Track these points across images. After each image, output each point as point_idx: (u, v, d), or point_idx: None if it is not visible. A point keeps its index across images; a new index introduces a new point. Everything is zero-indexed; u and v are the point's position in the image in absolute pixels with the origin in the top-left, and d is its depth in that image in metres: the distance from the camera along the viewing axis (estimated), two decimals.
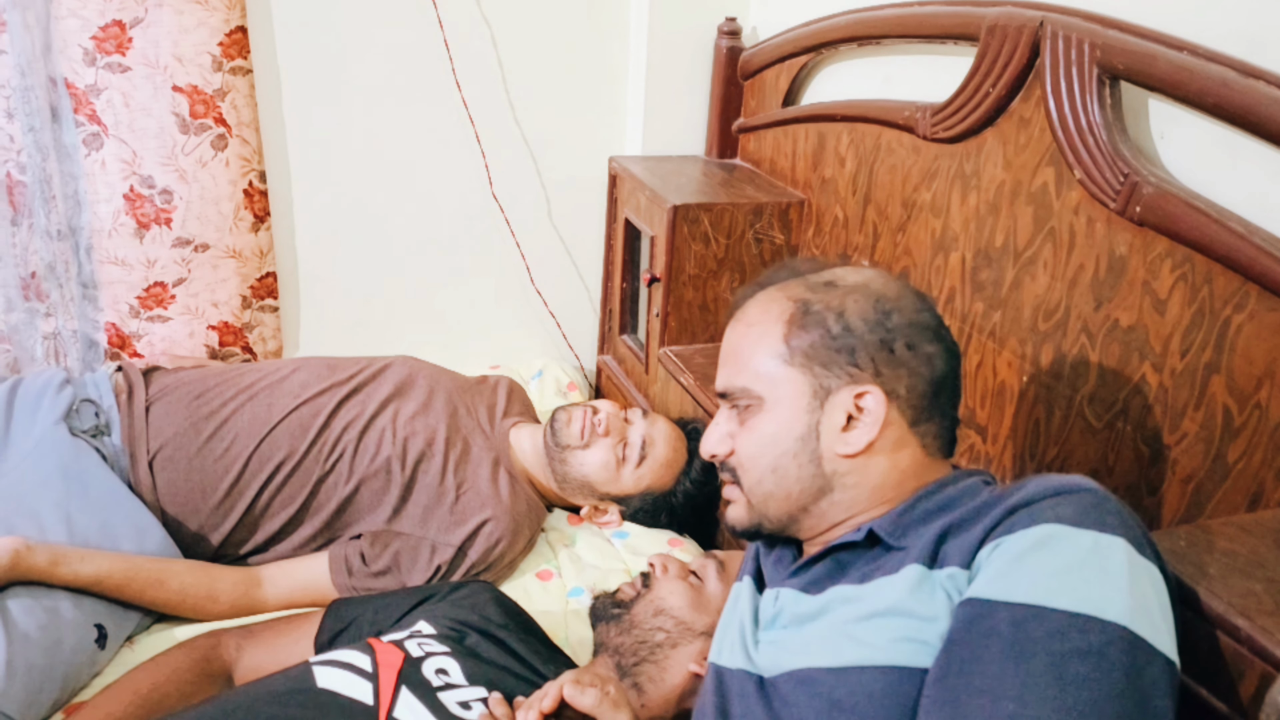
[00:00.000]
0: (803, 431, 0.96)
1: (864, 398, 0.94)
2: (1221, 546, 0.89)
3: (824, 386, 0.95)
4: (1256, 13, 1.06)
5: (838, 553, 0.95)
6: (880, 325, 0.95)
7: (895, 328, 0.95)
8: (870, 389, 0.94)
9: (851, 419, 0.95)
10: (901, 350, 0.95)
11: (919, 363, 0.95)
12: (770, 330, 0.98)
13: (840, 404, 0.95)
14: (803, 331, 0.96)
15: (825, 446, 0.95)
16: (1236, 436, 1.08)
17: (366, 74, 2.01)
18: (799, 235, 1.92)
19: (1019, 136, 1.35)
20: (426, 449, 1.59)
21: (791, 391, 0.96)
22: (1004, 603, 0.76)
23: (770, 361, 0.97)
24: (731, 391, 1.01)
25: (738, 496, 1.02)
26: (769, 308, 1.00)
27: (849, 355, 0.95)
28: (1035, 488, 0.84)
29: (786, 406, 0.96)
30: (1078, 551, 0.77)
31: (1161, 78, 1.13)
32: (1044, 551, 0.78)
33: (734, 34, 2.07)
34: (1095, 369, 1.26)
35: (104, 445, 1.51)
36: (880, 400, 0.94)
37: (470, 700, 1.06)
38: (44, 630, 1.27)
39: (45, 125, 1.78)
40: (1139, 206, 1.16)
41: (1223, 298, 1.08)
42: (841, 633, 0.86)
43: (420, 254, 2.20)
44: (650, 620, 1.23)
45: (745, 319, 1.02)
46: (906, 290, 0.99)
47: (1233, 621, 0.79)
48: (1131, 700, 0.71)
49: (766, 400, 0.97)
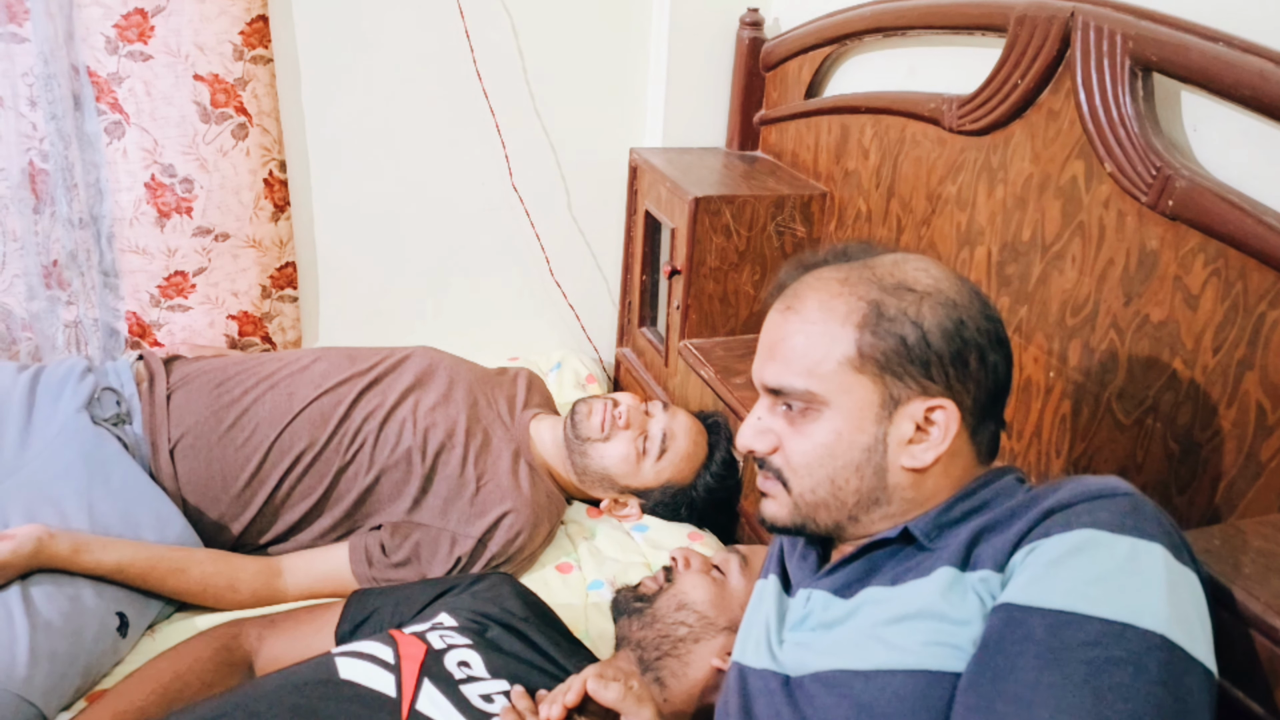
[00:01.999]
0: (869, 443, 0.91)
1: (935, 412, 0.90)
2: (1257, 546, 0.88)
3: (894, 397, 0.90)
4: None
5: (871, 552, 0.93)
6: (956, 336, 0.90)
7: (969, 339, 0.90)
8: (944, 403, 0.90)
9: (919, 430, 0.90)
10: (974, 363, 0.91)
11: (986, 373, 0.92)
12: (838, 332, 0.91)
13: (909, 415, 0.90)
14: (876, 339, 0.90)
15: (891, 459, 0.91)
16: (1270, 434, 1.07)
17: (386, 63, 2.01)
18: (821, 228, 1.91)
19: (1048, 129, 1.34)
20: (447, 440, 1.58)
21: (860, 401, 0.90)
22: (1039, 609, 0.75)
23: (838, 365, 0.91)
24: (789, 391, 0.93)
25: (780, 494, 0.96)
26: (833, 304, 0.93)
27: (923, 368, 0.89)
28: (1071, 491, 0.82)
29: (852, 416, 0.91)
30: (1115, 558, 0.76)
31: (1195, 69, 1.11)
32: (1081, 557, 0.76)
33: (756, 25, 2.06)
34: (1124, 365, 1.24)
35: (125, 434, 1.51)
36: (954, 415, 0.90)
37: (492, 693, 1.05)
38: (67, 618, 1.27)
39: (67, 113, 1.78)
40: (1171, 200, 1.14)
41: (1257, 293, 1.07)
42: (871, 635, 0.85)
43: (439, 245, 2.19)
44: (673, 614, 1.22)
45: (804, 313, 0.94)
46: (974, 295, 0.94)
47: (1270, 622, 0.78)
48: (1170, 710, 0.70)
49: (831, 405, 0.91)
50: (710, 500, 1.71)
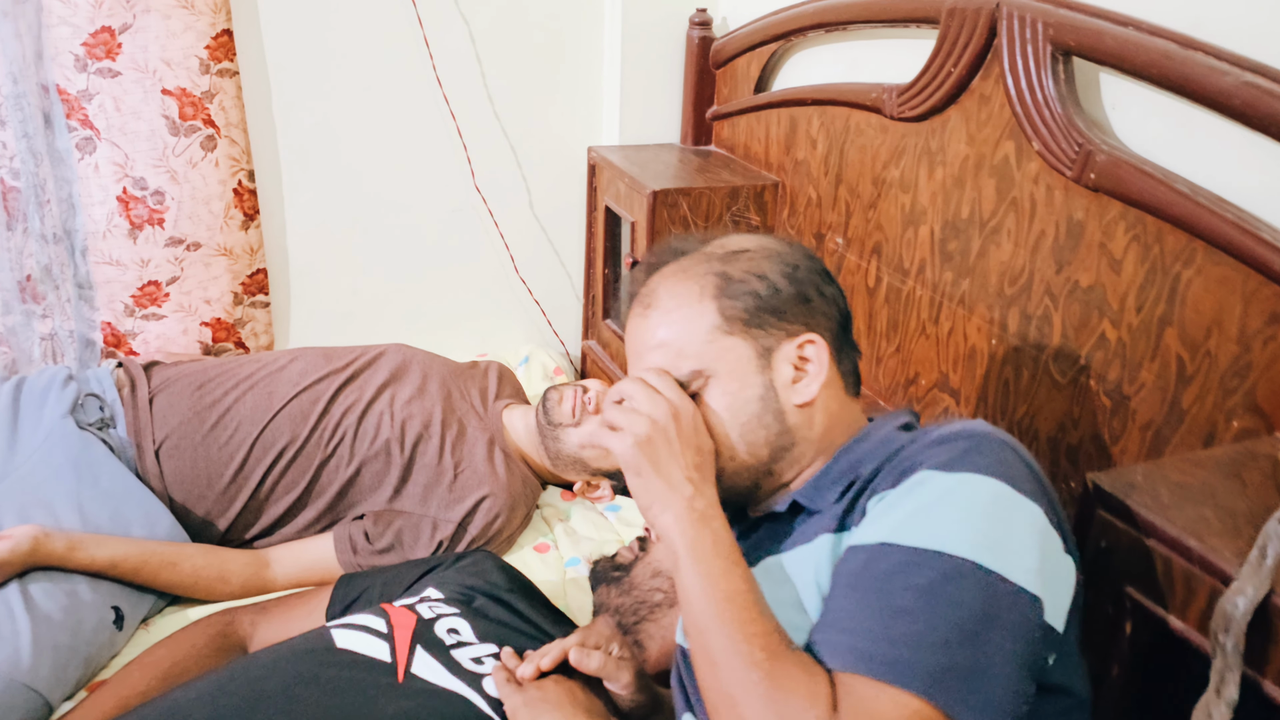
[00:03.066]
0: (761, 393, 0.97)
1: (805, 347, 0.98)
2: (1175, 479, 0.96)
3: (765, 346, 0.97)
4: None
5: (767, 521, 1.00)
6: (794, 279, 1.00)
7: (805, 279, 1.00)
8: (811, 337, 0.98)
9: (797, 369, 0.98)
10: (815, 297, 1.00)
11: (828, 304, 1.01)
12: (698, 308, 0.99)
13: (784, 358, 0.97)
14: (732, 300, 0.98)
15: (784, 401, 0.97)
16: (1190, 383, 1.16)
17: (349, 73, 2.07)
18: (775, 216, 1.99)
19: (980, 113, 1.43)
20: (424, 430, 1.65)
21: (738, 358, 0.97)
22: (864, 545, 0.82)
23: (708, 335, 0.98)
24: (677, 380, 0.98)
25: None
26: (683, 289, 1.00)
27: (779, 314, 0.98)
28: (926, 438, 0.89)
29: (736, 375, 0.97)
30: (935, 492, 0.82)
31: (1110, 52, 1.20)
32: (908, 497, 0.83)
33: (705, 24, 2.13)
34: (1058, 329, 1.33)
35: (110, 437, 1.56)
36: (822, 346, 0.98)
37: (483, 656, 1.12)
38: (66, 612, 1.32)
39: (38, 131, 1.83)
40: (1093, 174, 1.23)
41: (1173, 254, 1.16)
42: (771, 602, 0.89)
43: (406, 246, 2.25)
44: (649, 581, 1.29)
45: (661, 307, 1.01)
46: (792, 244, 1.05)
47: (1185, 543, 0.87)
48: (965, 630, 0.75)
49: (715, 375, 0.97)
50: None
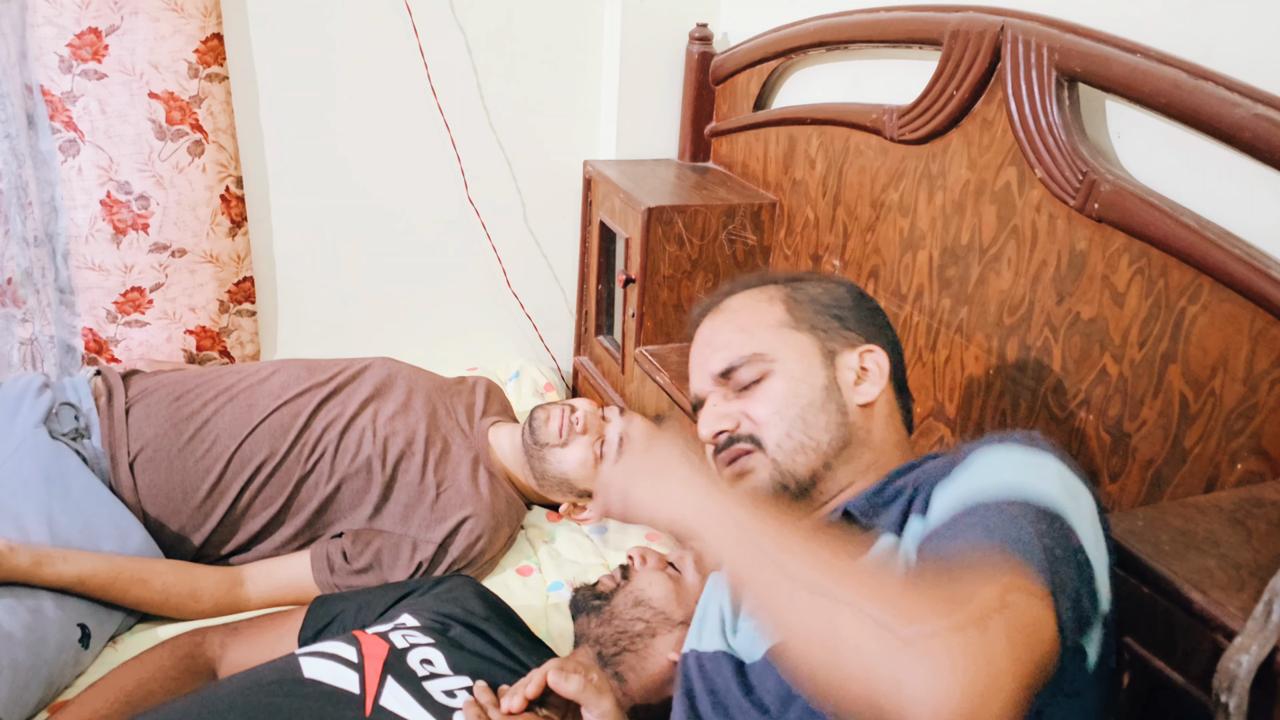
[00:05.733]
0: (824, 383, 1.01)
1: (867, 356, 1.03)
2: (1177, 525, 0.92)
3: (829, 349, 1.03)
4: (1206, 18, 1.11)
5: None
6: (859, 306, 1.07)
7: (870, 307, 1.08)
8: (872, 347, 1.04)
9: (859, 376, 1.02)
10: (881, 325, 1.06)
11: (892, 335, 1.08)
12: (766, 306, 1.06)
13: (848, 364, 1.03)
14: (800, 304, 1.05)
15: (847, 398, 1.01)
16: (1193, 423, 1.13)
17: (342, 80, 2.03)
18: (771, 236, 1.96)
19: (982, 137, 1.39)
20: (407, 448, 1.61)
21: (802, 350, 1.02)
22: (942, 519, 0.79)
23: (775, 326, 1.04)
24: (739, 363, 1.02)
25: (759, 463, 1.00)
26: (753, 295, 1.08)
27: (842, 323, 1.04)
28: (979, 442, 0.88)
29: (800, 363, 1.02)
30: (1012, 461, 0.81)
31: (1117, 79, 1.17)
32: (975, 467, 0.82)
33: (705, 40, 2.11)
34: (1058, 361, 1.30)
35: (84, 448, 1.52)
36: (883, 356, 1.03)
37: (455, 689, 1.08)
38: (28, 630, 1.28)
39: (21, 132, 1.79)
40: (1097, 204, 1.20)
41: (1178, 289, 1.13)
42: None
43: (397, 258, 2.22)
44: (630, 611, 1.25)
45: (729, 308, 1.08)
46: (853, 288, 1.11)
47: (1187, 595, 0.83)
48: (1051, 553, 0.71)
49: (779, 363, 1.01)
50: None
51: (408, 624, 1.19)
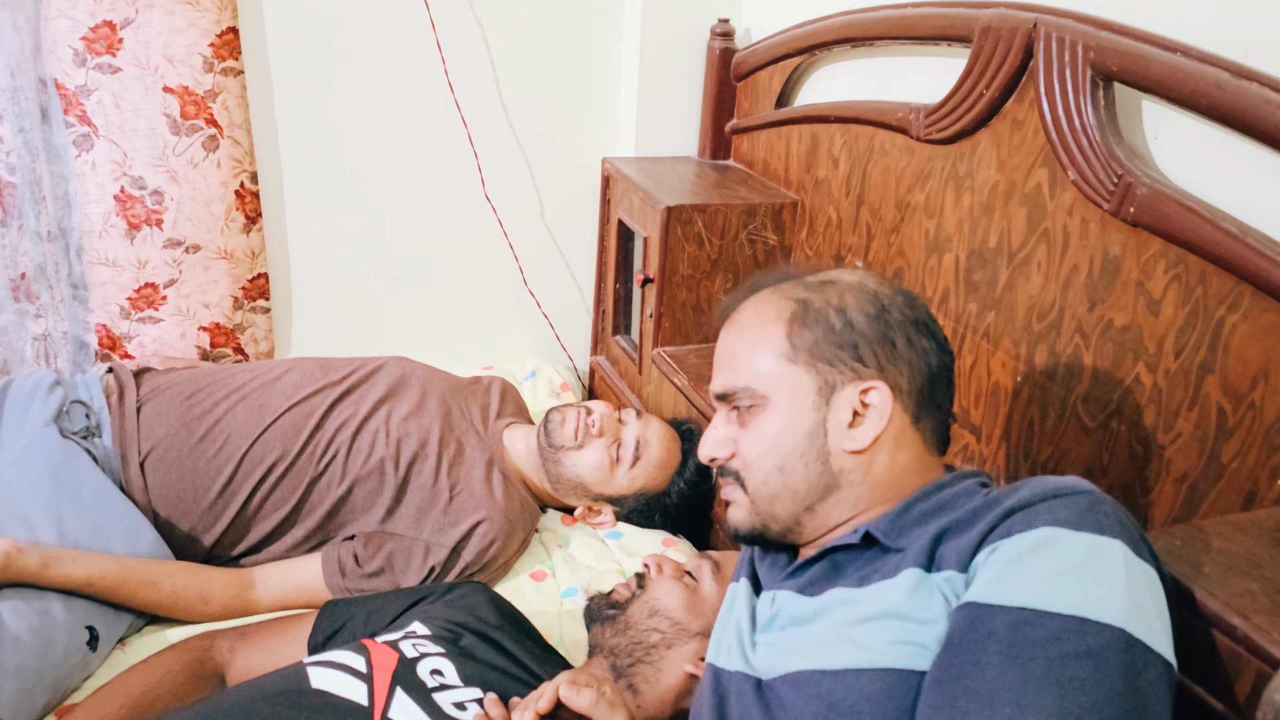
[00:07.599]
0: (810, 429, 0.96)
1: (869, 393, 0.95)
2: (1217, 546, 0.89)
3: (829, 383, 0.96)
4: (1250, 15, 1.07)
5: (834, 554, 0.95)
6: (880, 320, 0.97)
7: (894, 323, 0.97)
8: (876, 384, 0.95)
9: (857, 415, 0.95)
10: (901, 344, 0.97)
11: (917, 357, 0.97)
12: (770, 330, 0.99)
13: (846, 400, 0.95)
14: (805, 329, 0.97)
15: (833, 443, 0.95)
16: (1231, 436, 1.08)
17: (359, 75, 2.01)
18: (792, 236, 1.92)
19: (1013, 138, 1.35)
20: (420, 450, 1.58)
21: (796, 389, 0.96)
22: (1002, 606, 0.76)
23: (773, 360, 0.97)
24: (732, 392, 1.00)
25: (740, 499, 1.01)
26: (765, 309, 1.01)
27: (852, 351, 0.96)
28: (1031, 490, 0.84)
29: (792, 404, 0.96)
30: (1075, 554, 0.77)
31: (1154, 79, 1.13)
32: (1041, 554, 0.78)
33: (727, 35, 2.07)
34: (1089, 369, 1.26)
35: (95, 447, 1.50)
36: (886, 395, 0.95)
37: (465, 701, 1.05)
38: (35, 632, 1.26)
39: (35, 126, 1.77)
40: (1133, 207, 1.16)
41: (1217, 298, 1.09)
42: (839, 635, 0.86)
43: (413, 255, 2.19)
44: (645, 621, 1.22)
45: (740, 322, 1.02)
46: (898, 289, 1.02)
47: (1229, 620, 0.80)
48: (1130, 703, 0.71)
49: (771, 399, 0.97)
50: (684, 507, 1.71)
51: (419, 633, 1.16)
